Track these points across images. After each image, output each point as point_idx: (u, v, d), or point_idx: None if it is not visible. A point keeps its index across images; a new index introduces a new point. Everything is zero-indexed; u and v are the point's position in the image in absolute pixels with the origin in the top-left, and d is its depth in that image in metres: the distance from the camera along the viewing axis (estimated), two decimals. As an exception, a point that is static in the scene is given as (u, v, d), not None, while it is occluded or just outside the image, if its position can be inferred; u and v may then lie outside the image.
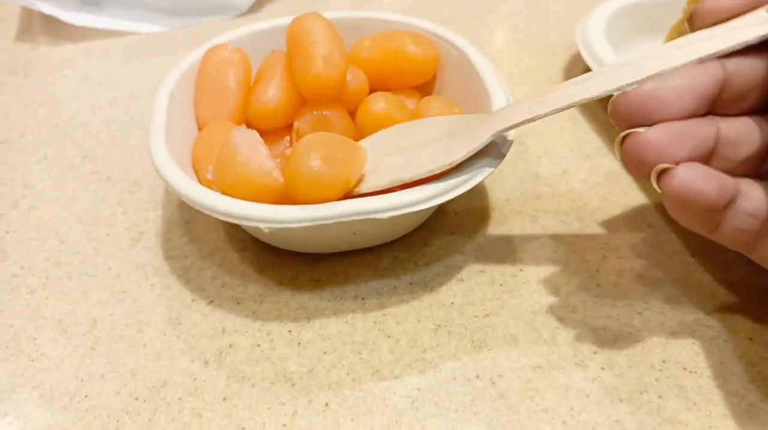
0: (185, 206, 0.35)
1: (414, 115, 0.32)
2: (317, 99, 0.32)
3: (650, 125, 0.23)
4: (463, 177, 0.27)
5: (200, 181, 0.29)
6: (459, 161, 0.27)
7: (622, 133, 0.23)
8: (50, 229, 0.34)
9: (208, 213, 0.27)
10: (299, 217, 0.26)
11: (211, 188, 0.28)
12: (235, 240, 0.33)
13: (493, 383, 0.27)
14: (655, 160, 0.22)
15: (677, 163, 0.22)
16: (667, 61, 0.24)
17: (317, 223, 0.26)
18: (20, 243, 0.33)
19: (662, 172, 0.22)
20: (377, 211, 0.26)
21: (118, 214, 0.35)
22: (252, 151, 0.27)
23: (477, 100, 0.32)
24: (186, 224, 0.34)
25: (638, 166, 0.23)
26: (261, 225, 0.26)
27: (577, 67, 0.45)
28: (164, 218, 0.34)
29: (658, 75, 0.23)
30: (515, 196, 0.35)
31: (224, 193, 0.27)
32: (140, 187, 0.36)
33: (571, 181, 0.36)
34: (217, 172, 0.28)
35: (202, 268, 0.32)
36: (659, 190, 0.23)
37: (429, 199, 0.26)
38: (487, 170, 0.28)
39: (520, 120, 0.26)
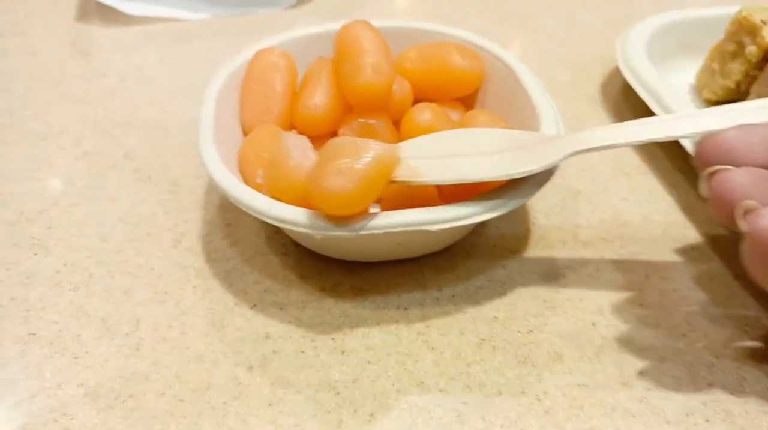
0: (227, 208, 0.35)
1: (459, 127, 0.32)
2: (363, 107, 0.32)
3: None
4: (512, 192, 0.27)
5: (248, 185, 0.29)
6: (537, 171, 0.27)
7: (712, 168, 0.24)
8: (92, 227, 0.34)
9: (259, 217, 0.27)
10: (353, 225, 0.26)
11: (261, 192, 0.28)
12: (277, 245, 0.33)
13: (538, 399, 0.27)
14: (741, 197, 0.23)
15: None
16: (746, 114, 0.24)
17: (369, 232, 0.26)
18: (62, 240, 0.34)
19: (748, 211, 0.23)
20: (428, 224, 0.26)
21: (158, 214, 0.35)
22: (302, 157, 0.27)
23: (523, 116, 0.32)
24: (227, 226, 0.34)
25: (723, 202, 0.24)
26: (312, 232, 0.26)
27: (615, 83, 0.45)
28: (205, 220, 0.34)
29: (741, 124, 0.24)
30: (556, 212, 0.35)
31: (274, 197, 0.27)
32: (180, 187, 0.36)
33: (612, 198, 0.36)
34: (267, 176, 0.28)
35: (244, 272, 0.32)
36: (743, 228, 0.23)
37: (480, 213, 0.26)
38: (536, 188, 0.28)
39: (602, 144, 0.27)
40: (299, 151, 0.27)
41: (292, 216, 0.26)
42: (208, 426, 0.26)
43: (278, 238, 0.33)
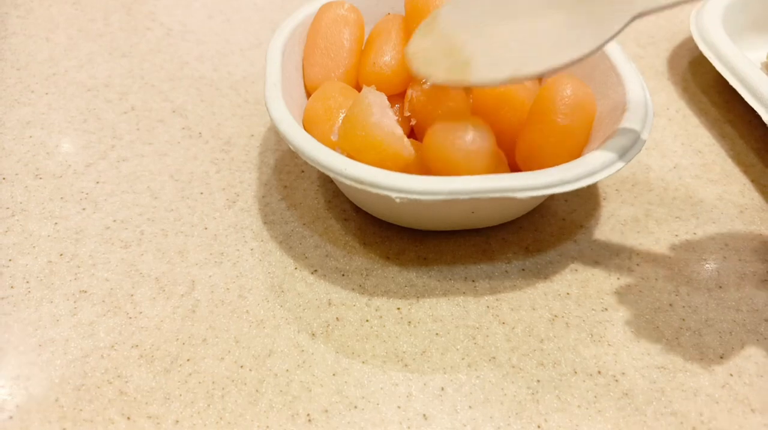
0: (282, 170, 0.34)
1: (534, 93, 0.30)
2: (436, 67, 0.30)
3: None
4: (602, 158, 0.26)
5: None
6: (591, 54, 0.24)
7: None
8: (142, 183, 0.33)
9: (336, 177, 0.25)
10: (435, 189, 0.24)
11: (335, 150, 0.26)
12: (337, 209, 0.32)
13: (616, 380, 0.26)
14: None
15: None
16: None
17: (452, 197, 0.24)
18: (112, 195, 0.32)
19: None
20: (517, 190, 0.24)
21: (211, 173, 0.34)
22: (383, 115, 0.25)
23: (606, 80, 0.30)
24: (284, 188, 0.33)
25: None
26: (393, 194, 0.24)
27: (683, 57, 0.43)
28: (261, 181, 0.33)
29: None
30: (626, 188, 0.34)
31: (350, 156, 0.26)
32: (233, 146, 0.35)
33: (684, 176, 0.34)
34: (345, 133, 0.26)
35: (304, 235, 0.31)
36: None
37: (572, 180, 0.25)
38: (621, 163, 0.26)
39: (668, 3, 0.23)
40: (380, 108, 0.25)
41: (372, 177, 0.24)
42: (270, 394, 0.25)
43: (338, 202, 0.32)
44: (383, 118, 0.25)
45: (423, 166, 0.27)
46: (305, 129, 0.29)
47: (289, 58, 0.31)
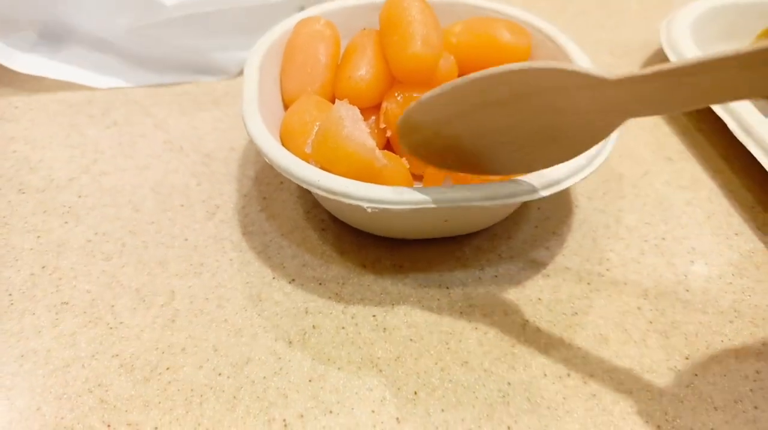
0: (262, 181, 0.34)
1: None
2: (410, 80, 0.31)
3: None
4: (570, 165, 0.26)
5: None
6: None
7: None
8: (124, 196, 0.33)
9: (309, 188, 0.26)
10: (405, 199, 0.25)
11: (309, 162, 0.27)
12: (316, 219, 0.32)
13: (584, 382, 0.26)
14: None
15: None
16: None
17: (423, 206, 0.25)
18: (94, 209, 0.33)
19: None
20: (487, 199, 0.25)
21: (191, 185, 0.34)
22: (354, 128, 0.26)
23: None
24: (263, 199, 0.33)
25: None
26: (364, 204, 0.25)
27: (653, 68, 0.44)
28: (240, 193, 0.34)
29: None
30: (598, 195, 0.34)
31: (324, 168, 0.27)
32: (213, 160, 0.36)
33: (654, 182, 0.35)
34: (318, 145, 0.27)
35: (282, 245, 0.31)
36: None
37: (541, 188, 0.26)
38: (588, 170, 0.27)
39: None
40: (351, 121, 0.26)
41: (344, 188, 0.25)
42: (248, 400, 0.25)
43: (316, 212, 0.33)
44: (354, 131, 0.26)
45: (400, 175, 0.28)
46: (282, 142, 0.30)
47: (267, 73, 0.32)
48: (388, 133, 0.31)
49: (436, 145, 0.26)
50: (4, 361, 0.27)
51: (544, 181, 0.26)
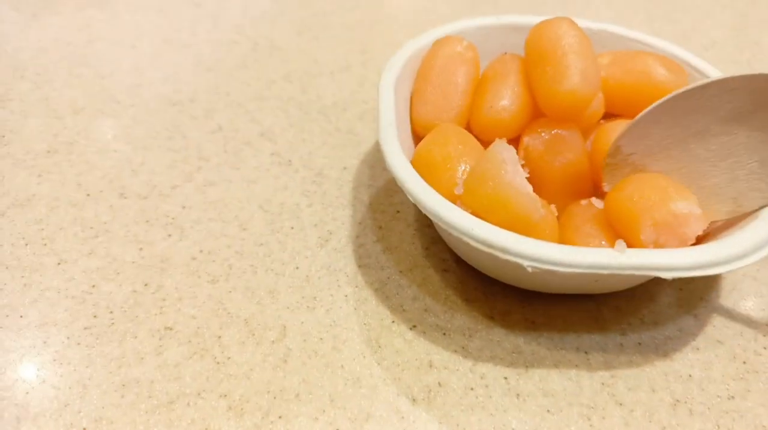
0: (377, 208, 0.32)
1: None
2: (560, 117, 0.28)
3: None
4: (753, 239, 0.23)
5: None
6: None
7: None
8: (230, 211, 0.31)
9: (459, 235, 0.23)
10: (574, 261, 0.22)
11: (456, 204, 0.24)
12: (436, 258, 0.30)
13: (749, 483, 0.23)
14: None
15: None
16: None
17: (594, 271, 0.22)
18: (198, 222, 0.30)
19: None
20: (664, 269, 0.22)
21: (302, 205, 0.32)
22: (515, 173, 0.23)
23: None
24: (379, 229, 0.31)
25: None
26: (525, 263, 0.22)
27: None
28: (355, 219, 0.31)
29: None
30: (747, 257, 0.31)
31: (474, 213, 0.24)
32: (325, 178, 0.33)
33: (809, 248, 0.32)
34: (473, 188, 0.24)
35: (401, 284, 0.29)
36: None
37: (722, 263, 0.22)
38: None
39: None
40: (512, 165, 0.23)
41: (502, 241, 0.22)
42: (370, 465, 0.23)
43: (436, 249, 0.30)
44: (516, 177, 0.23)
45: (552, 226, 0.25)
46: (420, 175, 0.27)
47: (399, 94, 0.29)
48: (527, 173, 0.28)
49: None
50: (104, 389, 0.24)
51: (726, 254, 0.23)
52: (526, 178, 0.28)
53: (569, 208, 0.27)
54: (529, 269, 0.22)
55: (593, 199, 0.27)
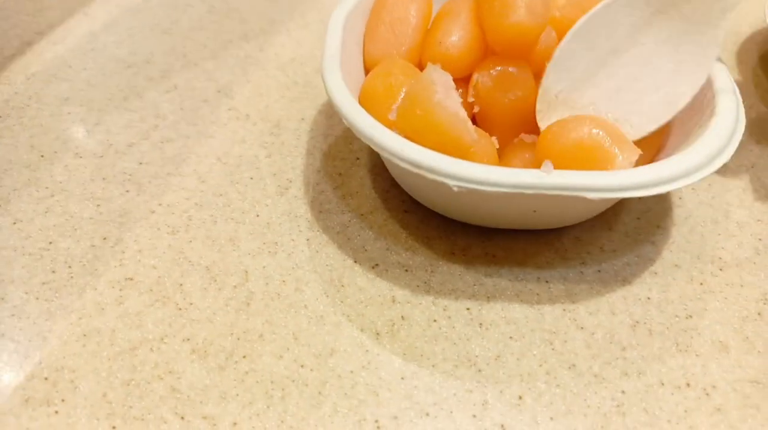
0: (336, 156, 0.32)
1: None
2: (508, 51, 0.28)
3: None
4: (686, 163, 0.23)
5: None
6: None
7: None
8: (188, 166, 0.31)
9: (390, 158, 0.23)
10: (500, 180, 0.22)
11: (392, 130, 0.24)
12: (396, 200, 0.30)
13: (707, 394, 0.24)
14: None
15: None
16: None
17: (518, 190, 0.22)
18: (156, 177, 0.30)
19: None
20: (591, 190, 0.22)
21: (261, 157, 0.32)
22: (447, 96, 0.23)
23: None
24: (339, 176, 0.31)
25: None
26: (451, 182, 0.22)
27: (751, 51, 0.41)
28: (313, 167, 0.31)
29: None
30: (702, 187, 0.31)
31: (408, 137, 0.24)
32: (283, 130, 0.33)
33: (762, 176, 0.32)
34: (404, 112, 0.24)
35: (362, 227, 0.29)
36: None
37: (649, 185, 0.23)
38: (706, 171, 0.24)
39: None
40: (444, 88, 0.23)
41: (429, 161, 0.23)
42: (334, 397, 0.23)
43: (396, 192, 0.30)
44: (447, 99, 0.23)
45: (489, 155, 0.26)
46: (361, 106, 0.27)
47: (350, 31, 0.29)
48: (476, 109, 0.29)
49: None
50: (65, 340, 0.24)
51: (654, 177, 0.23)
52: (475, 112, 0.28)
53: (511, 143, 0.28)
54: (455, 189, 0.22)
55: (523, 135, 0.27)
